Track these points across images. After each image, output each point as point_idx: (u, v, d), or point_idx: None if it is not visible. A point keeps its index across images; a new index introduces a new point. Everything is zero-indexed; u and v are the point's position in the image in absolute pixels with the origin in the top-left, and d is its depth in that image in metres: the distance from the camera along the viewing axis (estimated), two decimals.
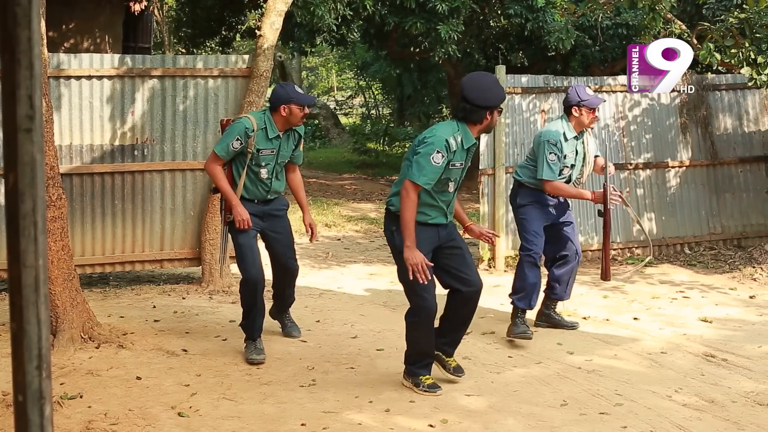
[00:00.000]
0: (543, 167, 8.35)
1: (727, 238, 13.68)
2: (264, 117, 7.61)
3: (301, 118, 7.64)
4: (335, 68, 42.32)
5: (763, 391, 7.14)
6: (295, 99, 7.54)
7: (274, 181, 7.80)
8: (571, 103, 8.50)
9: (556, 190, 8.42)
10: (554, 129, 8.49)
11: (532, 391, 7.00)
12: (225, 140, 7.55)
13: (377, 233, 15.67)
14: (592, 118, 8.50)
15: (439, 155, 6.46)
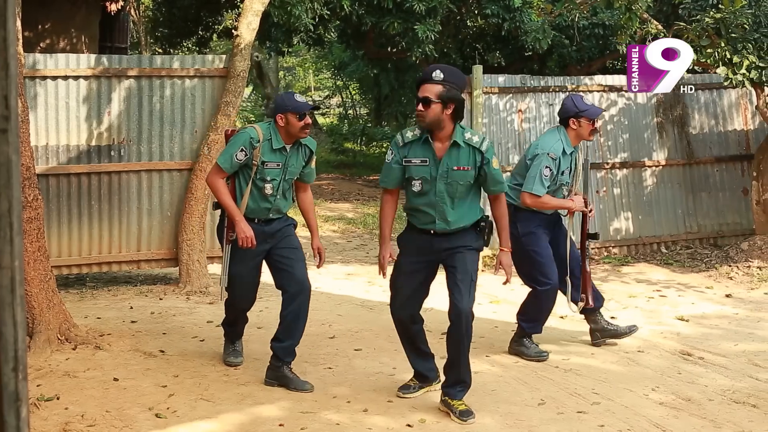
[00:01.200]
0: (535, 181, 7.62)
1: (704, 237, 13.74)
2: (270, 128, 7.01)
3: (301, 129, 6.94)
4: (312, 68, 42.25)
5: (740, 389, 7.18)
6: (291, 107, 6.92)
7: (279, 199, 7.11)
8: (569, 114, 7.90)
9: (542, 204, 7.71)
10: (554, 142, 7.83)
11: (509, 391, 7.01)
12: (229, 151, 6.97)
13: (355, 233, 15.68)
14: (591, 130, 7.95)
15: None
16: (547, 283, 7.84)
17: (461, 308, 6.26)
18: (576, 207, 7.84)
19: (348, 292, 10.76)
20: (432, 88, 6.21)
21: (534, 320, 8.00)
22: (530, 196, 7.63)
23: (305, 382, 7.01)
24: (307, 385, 6.97)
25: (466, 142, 6.31)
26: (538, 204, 7.67)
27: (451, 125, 6.29)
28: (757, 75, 11.23)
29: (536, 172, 7.61)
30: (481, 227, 6.51)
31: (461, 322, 6.27)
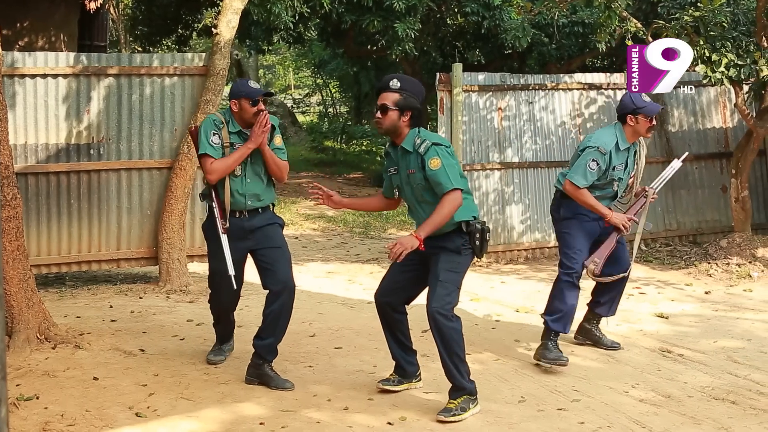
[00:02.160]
0: (579, 172, 7.65)
1: (683, 234, 13.80)
2: (226, 113, 7.10)
3: (254, 115, 7.00)
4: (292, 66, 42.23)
5: (719, 385, 7.21)
6: (244, 93, 7.00)
7: (250, 183, 7.05)
8: (626, 110, 7.99)
9: (580, 196, 7.66)
10: (607, 137, 7.84)
11: (490, 388, 7.02)
12: (202, 139, 6.93)
13: (335, 231, 15.68)
14: (649, 127, 7.94)
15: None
16: (567, 270, 7.78)
17: (428, 310, 6.36)
18: (612, 219, 7.72)
19: (328, 290, 10.76)
20: (389, 96, 6.35)
21: (554, 312, 7.82)
22: (570, 185, 7.69)
23: (286, 381, 7.01)
24: (287, 384, 6.96)
25: (414, 147, 6.37)
26: (576, 195, 7.69)
27: (409, 128, 6.42)
28: (735, 73, 11.27)
29: (583, 163, 7.67)
30: (468, 231, 6.45)
31: (430, 322, 6.38)
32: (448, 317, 6.31)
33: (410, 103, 6.34)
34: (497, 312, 9.85)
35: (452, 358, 6.37)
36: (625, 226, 7.70)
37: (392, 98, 6.32)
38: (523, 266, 12.59)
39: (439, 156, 6.25)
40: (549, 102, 13.21)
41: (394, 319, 6.83)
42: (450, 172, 6.23)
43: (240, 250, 7.10)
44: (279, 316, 7.00)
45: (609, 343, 8.26)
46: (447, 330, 6.31)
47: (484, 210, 12.69)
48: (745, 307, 10.10)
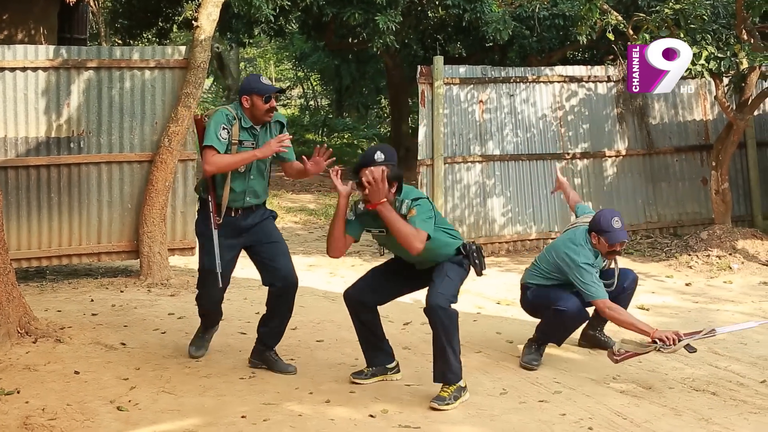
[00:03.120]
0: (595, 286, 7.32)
1: (664, 226, 13.85)
2: (237, 108, 6.96)
3: (266, 112, 6.92)
4: (273, 59, 42.10)
5: (699, 376, 7.25)
6: (257, 89, 6.90)
7: (253, 180, 7.03)
8: (592, 228, 7.58)
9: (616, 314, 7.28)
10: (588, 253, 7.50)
11: (471, 380, 7.02)
12: (210, 131, 6.79)
13: (316, 224, 15.67)
14: (608, 251, 7.58)
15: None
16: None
17: (430, 302, 6.46)
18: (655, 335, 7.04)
19: (310, 283, 10.74)
20: (377, 169, 6.38)
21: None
22: (602, 304, 7.31)
23: (288, 365, 7.22)
24: (290, 368, 7.19)
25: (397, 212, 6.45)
26: (613, 315, 7.31)
27: (393, 196, 6.50)
28: (715, 66, 11.31)
29: (589, 279, 7.36)
30: (466, 253, 6.74)
31: (431, 315, 6.47)
32: (449, 309, 6.44)
33: (396, 174, 6.43)
34: (479, 304, 9.87)
35: (453, 345, 6.47)
36: (671, 338, 6.99)
37: (379, 171, 6.35)
38: (504, 259, 12.61)
39: (416, 208, 6.43)
40: (530, 95, 13.22)
41: (367, 316, 6.94)
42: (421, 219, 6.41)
43: (233, 248, 7.09)
44: (284, 309, 7.22)
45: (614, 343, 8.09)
46: (449, 321, 6.43)
47: (465, 203, 12.70)
48: (725, 299, 10.15)
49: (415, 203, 6.45)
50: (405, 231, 6.31)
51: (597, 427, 6.12)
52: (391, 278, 6.94)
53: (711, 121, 14.10)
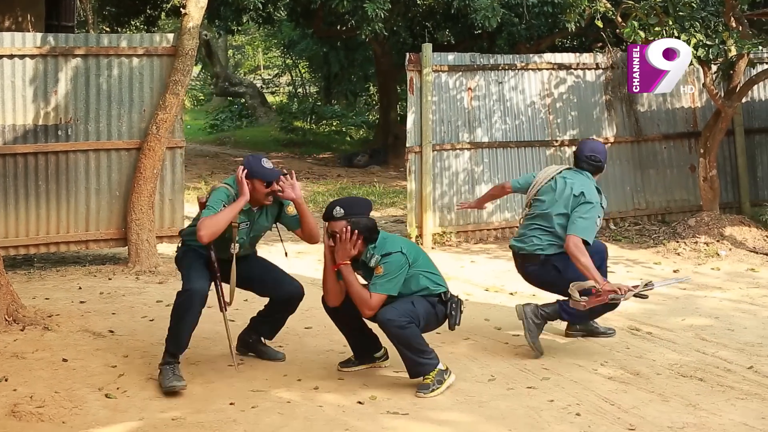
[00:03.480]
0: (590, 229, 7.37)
1: (652, 213, 13.86)
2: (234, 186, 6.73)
3: (266, 196, 6.76)
4: (262, 47, 42.03)
5: (687, 363, 7.27)
6: (260, 174, 6.69)
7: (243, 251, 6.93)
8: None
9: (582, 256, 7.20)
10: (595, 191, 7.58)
11: (460, 367, 7.04)
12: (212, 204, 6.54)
13: None
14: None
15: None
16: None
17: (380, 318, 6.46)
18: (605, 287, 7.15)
19: (298, 270, 10.72)
20: (336, 225, 6.48)
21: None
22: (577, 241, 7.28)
23: (278, 352, 7.27)
24: (279, 354, 7.24)
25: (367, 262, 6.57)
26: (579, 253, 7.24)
27: (363, 248, 6.54)
28: (704, 53, 11.31)
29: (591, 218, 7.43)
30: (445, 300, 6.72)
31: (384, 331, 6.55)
32: (402, 326, 6.40)
33: (364, 226, 6.47)
34: (467, 291, 9.88)
35: (413, 348, 6.48)
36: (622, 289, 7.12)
37: (340, 226, 6.46)
38: (492, 245, 12.62)
39: (383, 266, 6.48)
40: (518, 82, 13.22)
41: (345, 318, 6.95)
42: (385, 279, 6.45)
43: (210, 275, 6.83)
44: (292, 309, 7.29)
45: (603, 329, 8.05)
46: (401, 331, 6.41)
47: (454, 190, 12.70)
48: (712, 286, 10.18)
49: (384, 260, 6.48)
50: (357, 296, 6.47)
51: (585, 413, 6.14)
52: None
53: (699, 109, 14.11)
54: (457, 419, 6.05)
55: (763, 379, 6.90)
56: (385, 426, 5.88)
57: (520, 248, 7.66)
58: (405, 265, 6.52)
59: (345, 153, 24.93)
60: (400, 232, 12.99)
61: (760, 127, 14.45)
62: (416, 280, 6.59)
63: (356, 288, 6.43)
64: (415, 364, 6.48)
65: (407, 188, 12.66)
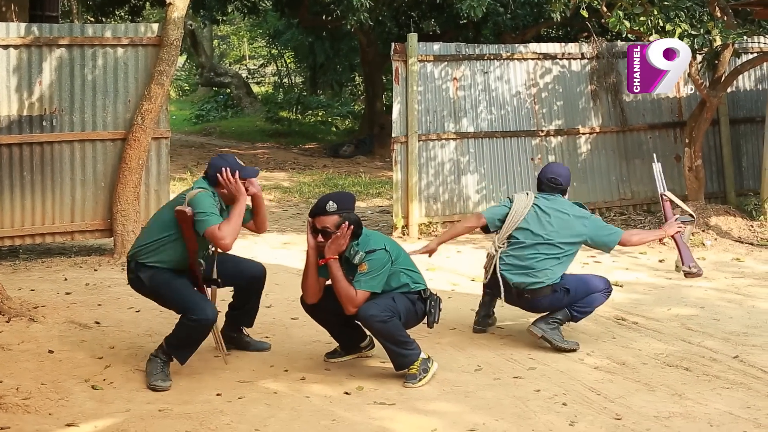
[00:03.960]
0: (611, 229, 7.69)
1: (637, 203, 13.90)
2: (212, 191, 6.56)
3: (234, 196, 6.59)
4: (247, 37, 41.94)
5: (673, 352, 7.30)
6: (243, 173, 6.64)
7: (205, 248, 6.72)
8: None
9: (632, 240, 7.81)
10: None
11: (446, 357, 7.05)
12: (209, 210, 6.35)
13: (290, 202, 15.65)
14: None
15: None
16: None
17: (362, 315, 6.45)
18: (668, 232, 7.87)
19: (284, 261, 10.75)
20: (328, 219, 6.43)
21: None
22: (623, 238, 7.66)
23: (263, 342, 7.31)
24: (265, 345, 7.29)
25: (351, 258, 6.52)
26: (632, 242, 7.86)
27: (348, 243, 6.52)
28: (689, 43, 11.31)
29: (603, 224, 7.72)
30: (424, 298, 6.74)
31: (366, 327, 6.63)
32: (384, 320, 6.40)
33: (350, 220, 6.44)
34: (453, 281, 9.90)
35: (396, 341, 6.50)
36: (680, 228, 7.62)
37: (332, 221, 6.42)
38: (479, 236, 12.60)
39: (367, 263, 6.47)
40: (504, 72, 13.22)
41: (323, 315, 6.96)
42: (369, 276, 6.45)
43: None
44: (259, 289, 7.30)
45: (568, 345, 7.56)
46: (383, 326, 6.42)
47: (439, 180, 12.71)
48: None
49: (369, 257, 6.48)
50: (344, 293, 6.43)
51: (571, 402, 6.16)
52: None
53: (684, 99, 14.13)
54: (443, 409, 6.06)
55: (748, 369, 6.93)
56: (372, 416, 5.89)
57: (530, 283, 7.42)
58: (388, 262, 6.53)
59: (331, 143, 24.89)
60: (386, 223, 13.01)
61: (745, 117, 14.50)
62: (397, 278, 6.60)
63: (344, 284, 6.41)
64: (400, 356, 6.50)
65: (393, 178, 12.66)
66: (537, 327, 7.40)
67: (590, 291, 7.46)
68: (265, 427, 5.66)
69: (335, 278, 6.44)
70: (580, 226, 7.47)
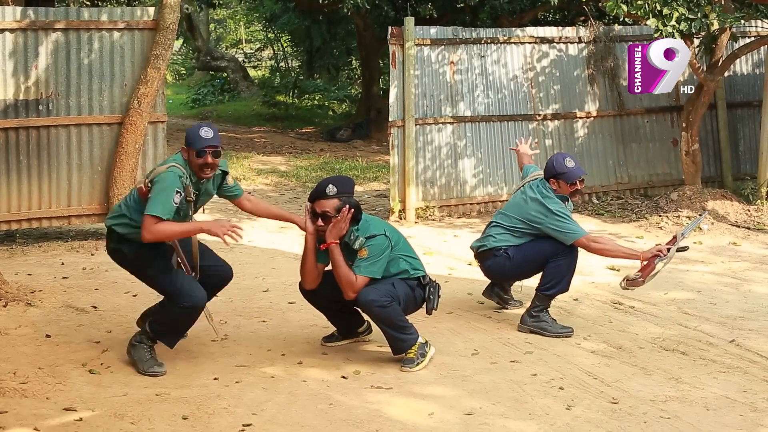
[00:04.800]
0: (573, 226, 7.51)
1: (634, 187, 13.89)
2: (183, 162, 6.32)
3: (200, 168, 6.30)
4: (243, 20, 41.81)
5: (669, 336, 7.31)
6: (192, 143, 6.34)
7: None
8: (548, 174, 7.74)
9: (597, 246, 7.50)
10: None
11: (443, 341, 7.06)
12: (162, 198, 6.03)
13: (287, 186, 15.63)
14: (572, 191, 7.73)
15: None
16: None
17: (361, 300, 6.47)
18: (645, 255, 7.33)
19: (281, 245, 10.75)
20: (329, 203, 6.40)
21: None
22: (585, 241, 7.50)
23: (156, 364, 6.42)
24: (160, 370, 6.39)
25: (350, 243, 6.51)
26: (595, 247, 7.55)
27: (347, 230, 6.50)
28: (686, 27, 11.30)
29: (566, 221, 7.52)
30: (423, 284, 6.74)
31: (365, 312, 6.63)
32: (384, 305, 6.42)
33: (351, 204, 6.43)
34: (450, 266, 9.90)
35: (395, 326, 6.52)
36: (662, 251, 7.27)
37: (332, 204, 6.40)
38: (475, 220, 12.63)
39: (367, 249, 6.46)
40: (501, 56, 13.20)
41: (321, 301, 6.94)
42: (369, 262, 6.45)
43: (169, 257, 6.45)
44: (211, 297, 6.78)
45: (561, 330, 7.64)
46: (382, 311, 6.44)
47: (436, 164, 12.71)
48: (695, 260, 10.21)
49: (369, 242, 6.47)
50: (344, 278, 6.43)
51: (568, 386, 6.17)
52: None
53: (681, 83, 14.12)
54: (440, 393, 6.07)
55: (744, 353, 6.94)
56: (369, 400, 5.90)
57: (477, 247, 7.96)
58: (388, 248, 6.53)
59: (327, 127, 24.84)
60: (383, 207, 13.01)
61: (742, 101, 14.49)
62: (396, 264, 6.61)
63: (344, 269, 6.41)
64: (398, 341, 6.51)
65: (390, 162, 12.65)
66: (523, 324, 7.52)
67: (538, 256, 7.49)
68: (262, 411, 5.67)
69: (336, 263, 6.43)
70: (535, 213, 7.51)
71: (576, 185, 7.65)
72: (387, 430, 5.40)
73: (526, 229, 7.58)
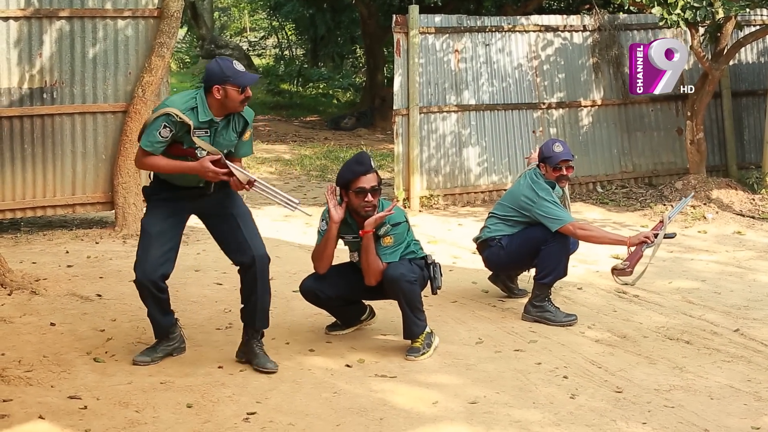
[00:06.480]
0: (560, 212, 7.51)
1: (639, 176, 13.89)
2: (197, 96, 5.91)
3: (241, 102, 5.92)
4: (248, 9, 41.77)
5: (674, 325, 7.31)
6: (232, 78, 5.84)
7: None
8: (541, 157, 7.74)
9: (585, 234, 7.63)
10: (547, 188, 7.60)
11: (447, 330, 7.07)
12: (147, 130, 5.91)
13: (291, 175, 15.63)
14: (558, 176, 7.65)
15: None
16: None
17: (391, 274, 6.47)
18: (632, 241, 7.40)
19: (285, 234, 10.76)
20: (374, 177, 6.47)
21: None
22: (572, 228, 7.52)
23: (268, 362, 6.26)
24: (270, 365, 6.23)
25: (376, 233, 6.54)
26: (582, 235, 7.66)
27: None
28: (691, 15, 11.29)
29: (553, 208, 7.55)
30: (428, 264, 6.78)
31: (394, 286, 6.51)
32: (411, 281, 6.47)
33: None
34: (454, 254, 9.90)
35: (414, 307, 6.53)
36: (649, 238, 7.30)
37: (376, 179, 6.50)
38: (480, 208, 12.63)
39: (393, 236, 6.55)
40: (506, 44, 13.18)
41: (323, 301, 6.94)
42: (392, 249, 6.54)
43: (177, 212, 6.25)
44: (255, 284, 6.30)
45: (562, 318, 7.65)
46: (410, 289, 6.48)
47: (441, 153, 12.70)
48: (699, 249, 10.21)
49: (394, 230, 6.53)
50: (373, 266, 6.50)
51: (572, 375, 6.17)
52: (354, 276, 6.80)
53: (686, 71, 14.07)
54: (444, 382, 6.07)
55: (749, 342, 6.94)
56: (374, 389, 5.90)
57: (476, 238, 8.15)
58: (406, 234, 6.63)
59: (332, 116, 24.85)
60: (387, 195, 12.99)
61: (747, 90, 14.47)
62: (406, 245, 6.65)
63: (375, 257, 6.48)
64: (413, 324, 6.54)
65: (394, 151, 12.65)
66: (527, 315, 7.53)
67: (530, 242, 7.52)
68: (267, 400, 5.67)
69: (368, 250, 6.46)
70: (525, 199, 7.59)
71: (561, 170, 7.59)
72: (391, 419, 5.40)
73: (519, 218, 7.65)
